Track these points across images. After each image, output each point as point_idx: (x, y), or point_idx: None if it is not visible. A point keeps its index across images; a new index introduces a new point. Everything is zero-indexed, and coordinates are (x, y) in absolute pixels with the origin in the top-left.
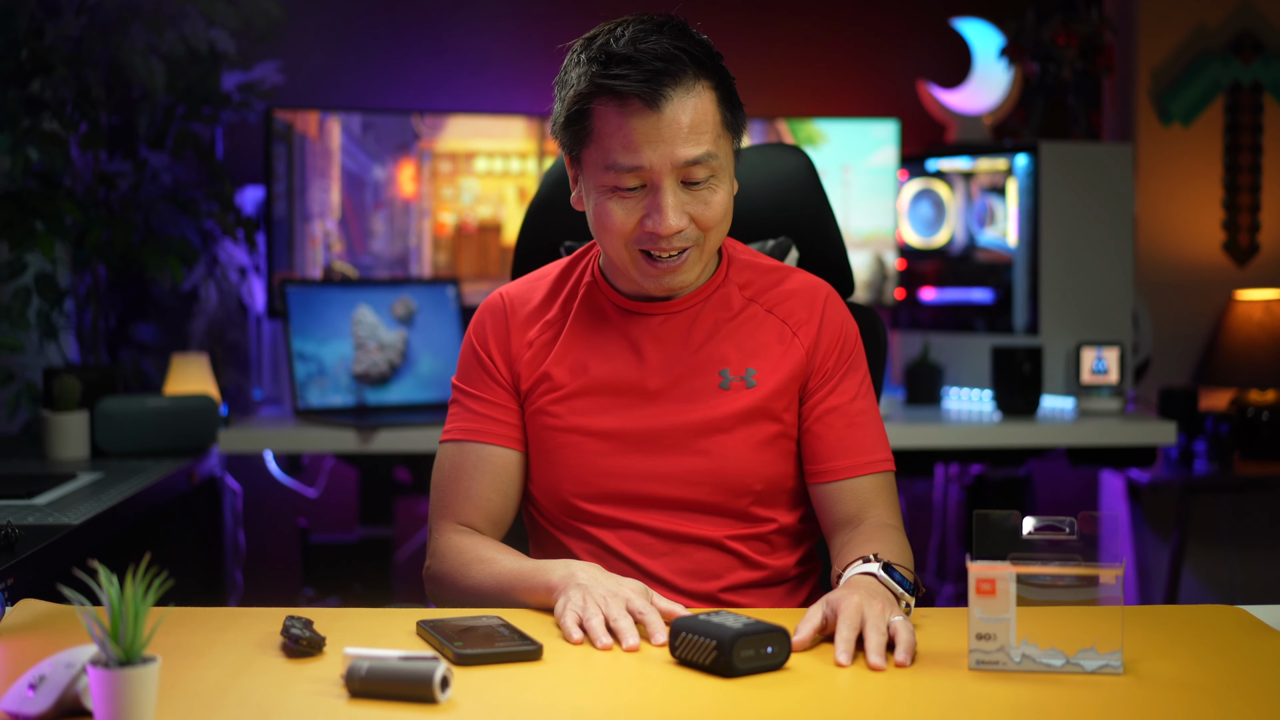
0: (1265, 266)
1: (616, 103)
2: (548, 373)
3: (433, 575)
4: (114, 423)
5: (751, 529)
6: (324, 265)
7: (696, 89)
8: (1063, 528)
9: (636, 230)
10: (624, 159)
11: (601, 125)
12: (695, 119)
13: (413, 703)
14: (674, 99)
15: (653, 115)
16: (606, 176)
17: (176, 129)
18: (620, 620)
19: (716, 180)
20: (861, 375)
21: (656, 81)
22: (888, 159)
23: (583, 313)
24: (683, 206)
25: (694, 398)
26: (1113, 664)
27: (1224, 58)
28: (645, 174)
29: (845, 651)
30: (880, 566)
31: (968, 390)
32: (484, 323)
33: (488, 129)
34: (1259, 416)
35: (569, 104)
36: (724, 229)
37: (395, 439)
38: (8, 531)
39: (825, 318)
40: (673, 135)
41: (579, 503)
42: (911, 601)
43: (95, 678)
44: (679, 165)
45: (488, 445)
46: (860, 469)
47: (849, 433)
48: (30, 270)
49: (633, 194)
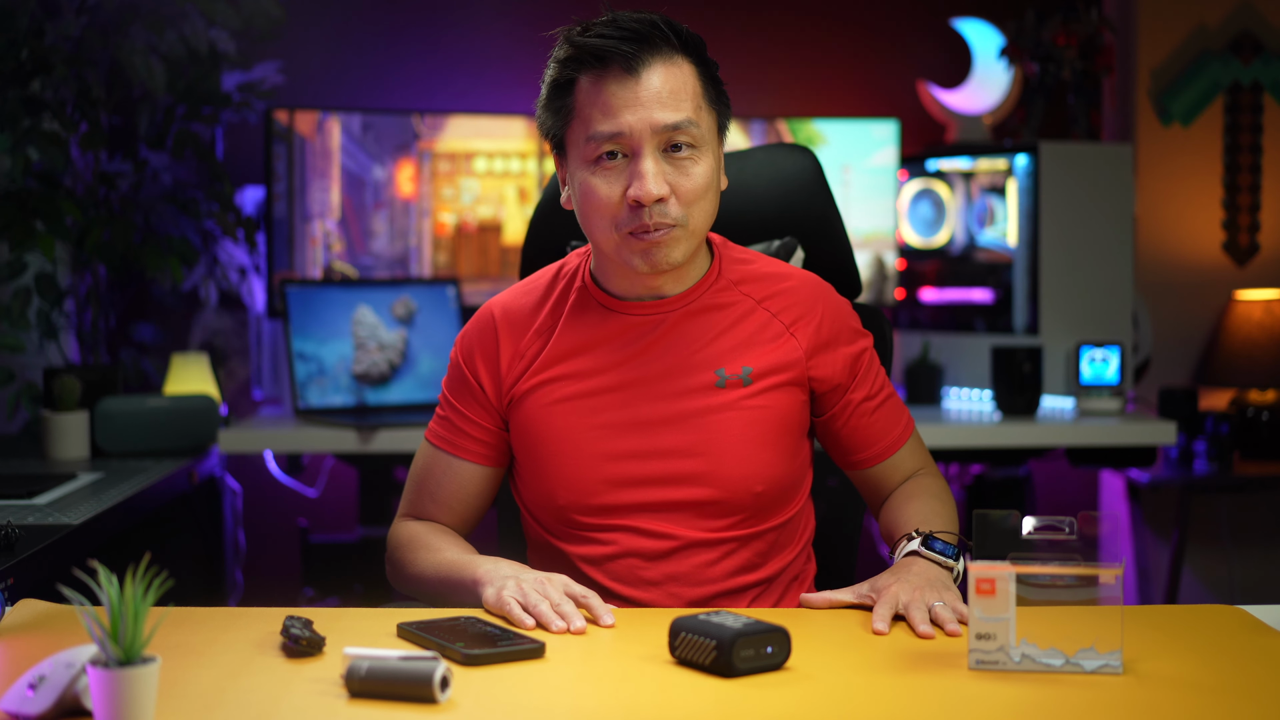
0: (1265, 266)
1: (595, 72)
2: (540, 378)
3: (388, 557)
4: (114, 423)
5: (749, 530)
6: (324, 265)
7: (676, 60)
8: (1062, 528)
9: (620, 205)
10: (604, 125)
11: (581, 98)
12: (674, 86)
13: (413, 703)
14: (652, 65)
15: (630, 80)
16: (589, 149)
17: (176, 129)
18: (564, 604)
19: (698, 152)
20: (870, 357)
21: (634, 45)
22: (888, 159)
23: (575, 316)
24: (664, 175)
25: (690, 397)
26: (1112, 664)
27: (1224, 58)
28: (625, 141)
29: (883, 620)
30: (920, 542)
31: (968, 390)
32: (471, 340)
33: (488, 129)
34: (1259, 416)
35: (550, 76)
36: (707, 208)
37: (395, 439)
38: (8, 531)
39: (822, 314)
40: (650, 99)
41: (574, 510)
42: (956, 566)
43: (95, 678)
44: (658, 130)
45: (457, 459)
46: (892, 448)
47: (876, 421)
48: (30, 270)
49: (615, 165)
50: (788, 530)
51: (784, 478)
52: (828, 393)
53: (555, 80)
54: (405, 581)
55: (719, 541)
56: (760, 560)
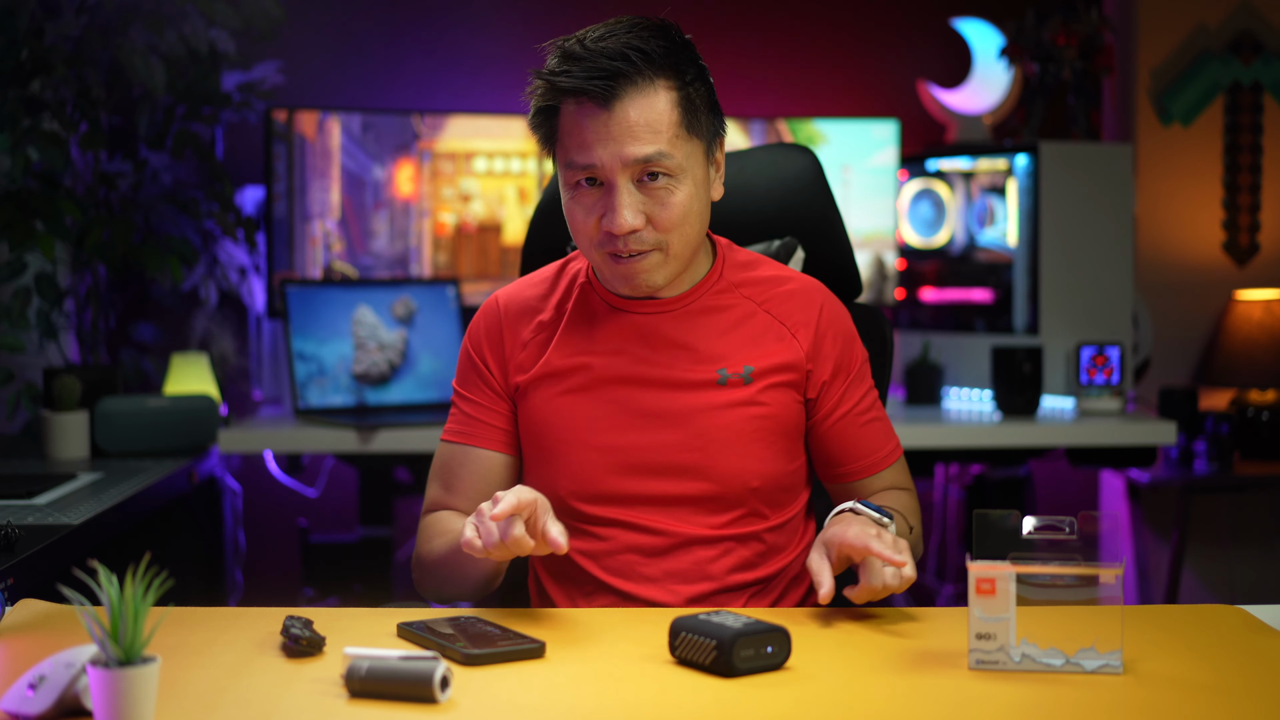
0: (1265, 266)
1: (574, 101)
2: (543, 372)
3: (414, 560)
4: (114, 423)
5: (747, 528)
6: (324, 265)
7: (651, 89)
8: (1063, 528)
9: (599, 230)
10: (578, 157)
11: (562, 124)
12: (648, 117)
13: (413, 703)
14: (624, 97)
15: (603, 113)
16: (567, 175)
17: (176, 129)
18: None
19: (675, 181)
20: (865, 373)
21: (604, 79)
22: (888, 159)
23: (577, 312)
24: (639, 205)
25: (692, 394)
26: (1112, 664)
27: (1224, 58)
28: (598, 172)
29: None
30: (854, 503)
31: (968, 390)
32: (478, 327)
33: (488, 129)
34: (1259, 416)
35: (534, 102)
36: (688, 231)
37: (395, 439)
38: (8, 531)
39: (822, 319)
40: (621, 133)
41: (576, 503)
42: (887, 525)
43: (95, 677)
44: (629, 163)
45: (475, 448)
46: (877, 466)
47: (863, 434)
48: (30, 270)
49: (591, 192)
50: (786, 531)
51: (781, 477)
52: (822, 397)
53: (538, 106)
54: (425, 572)
55: (717, 539)
56: (758, 560)
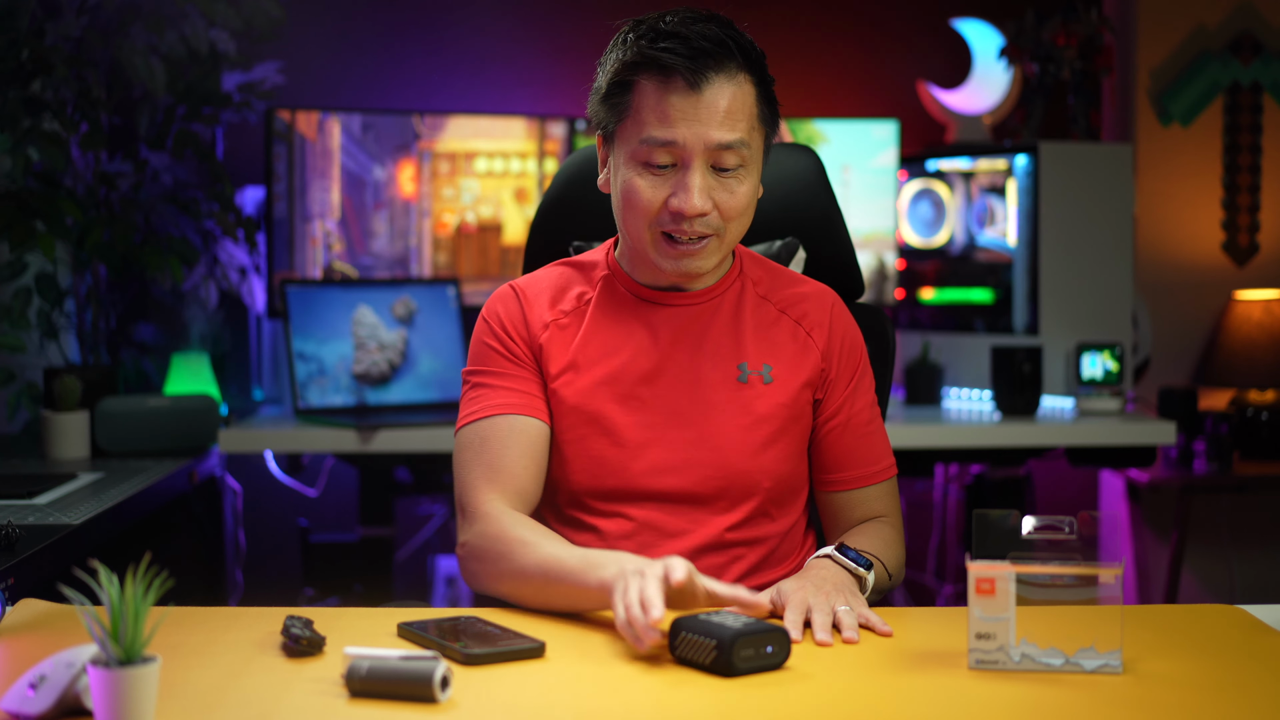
0: (1265, 266)
1: (659, 78)
2: (564, 362)
3: (474, 552)
4: (114, 423)
5: (753, 531)
6: (324, 265)
7: (739, 78)
8: (1062, 527)
9: (661, 209)
10: (659, 133)
11: (640, 99)
12: (733, 105)
13: (413, 702)
14: (715, 82)
15: (693, 94)
16: (640, 151)
17: (177, 129)
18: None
19: (745, 171)
20: (870, 384)
21: (701, 61)
22: (888, 159)
23: (601, 303)
24: (709, 190)
25: (712, 389)
26: (1112, 663)
27: (1223, 58)
28: (677, 151)
29: (795, 627)
30: (835, 548)
31: (968, 390)
32: (497, 309)
33: (488, 129)
34: (1259, 416)
35: (612, 74)
36: (745, 223)
37: (395, 439)
38: (8, 531)
39: (834, 324)
40: (709, 116)
41: (585, 495)
42: (865, 576)
43: (95, 677)
44: (711, 147)
45: (518, 416)
46: (869, 479)
47: (860, 443)
48: (31, 270)
49: (662, 172)
50: (789, 540)
51: (791, 477)
52: (828, 400)
53: (615, 78)
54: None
55: (722, 538)
56: (760, 561)
